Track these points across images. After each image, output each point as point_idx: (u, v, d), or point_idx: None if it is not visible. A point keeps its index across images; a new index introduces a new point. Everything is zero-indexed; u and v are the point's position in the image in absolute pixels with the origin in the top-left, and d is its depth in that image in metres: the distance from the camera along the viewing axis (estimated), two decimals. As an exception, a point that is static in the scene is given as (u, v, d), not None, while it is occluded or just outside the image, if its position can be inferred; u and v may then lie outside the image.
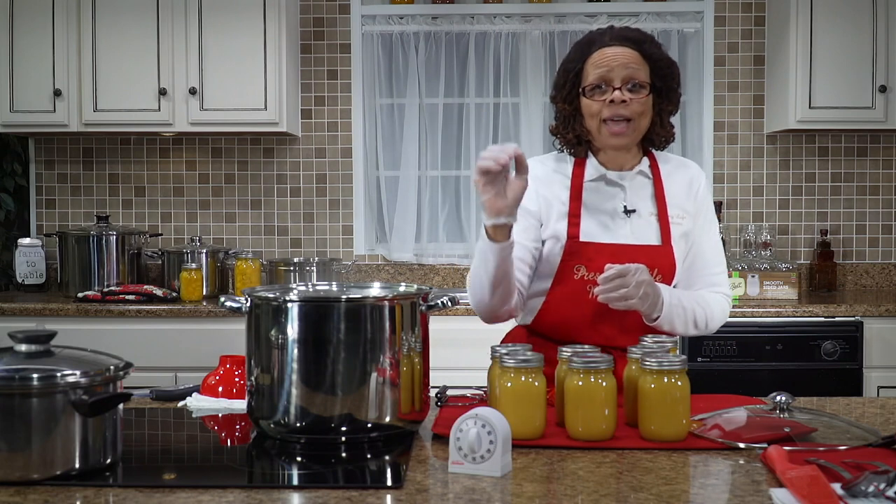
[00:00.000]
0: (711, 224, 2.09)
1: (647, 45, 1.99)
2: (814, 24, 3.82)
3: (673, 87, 2.02)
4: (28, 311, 3.63)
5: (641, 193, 2.04)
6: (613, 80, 1.96)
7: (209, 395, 1.93)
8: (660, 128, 2.03)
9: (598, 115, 1.97)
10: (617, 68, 1.95)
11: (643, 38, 2.00)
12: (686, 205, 2.05)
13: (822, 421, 1.65)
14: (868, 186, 4.23)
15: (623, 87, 1.95)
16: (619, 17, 4.14)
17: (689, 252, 2.05)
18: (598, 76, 1.96)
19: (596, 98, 1.97)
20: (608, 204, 2.02)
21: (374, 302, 1.64)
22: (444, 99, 4.22)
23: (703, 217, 2.07)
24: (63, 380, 1.37)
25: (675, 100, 2.04)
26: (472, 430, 1.41)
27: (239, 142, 4.27)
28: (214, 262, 3.98)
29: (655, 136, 2.04)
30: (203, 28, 3.86)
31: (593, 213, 2.01)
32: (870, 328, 3.54)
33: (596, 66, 1.97)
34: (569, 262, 1.97)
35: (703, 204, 2.08)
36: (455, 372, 2.24)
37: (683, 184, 2.06)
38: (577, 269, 1.97)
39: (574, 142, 2.04)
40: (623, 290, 1.83)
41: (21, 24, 3.87)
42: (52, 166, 4.30)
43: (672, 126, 2.06)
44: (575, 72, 2.01)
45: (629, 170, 2.04)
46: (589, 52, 2.00)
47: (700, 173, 2.10)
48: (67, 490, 1.35)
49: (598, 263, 1.93)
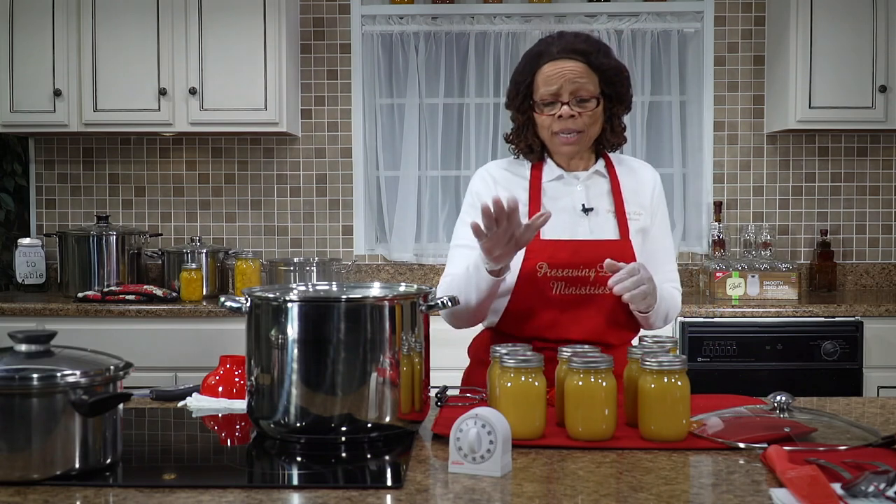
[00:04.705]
0: (665, 222, 2.18)
1: (594, 56, 2.04)
2: (814, 25, 3.82)
3: (622, 92, 2.09)
4: (28, 311, 3.63)
5: (598, 192, 2.10)
6: (562, 94, 2.02)
7: (209, 395, 1.93)
8: (610, 133, 2.11)
9: (549, 128, 2.05)
10: (565, 84, 2.01)
11: (590, 49, 2.05)
12: (643, 202, 2.12)
13: (822, 421, 1.65)
14: (868, 186, 4.23)
15: (571, 101, 2.02)
16: (618, 18, 4.14)
17: (647, 248, 2.11)
18: (547, 92, 2.03)
19: (546, 113, 2.04)
20: (566, 203, 2.08)
21: (374, 302, 1.64)
22: (444, 99, 4.23)
23: (660, 215, 2.15)
24: (63, 380, 1.37)
25: (626, 102, 2.10)
26: (472, 430, 1.41)
27: (239, 142, 4.27)
28: (214, 262, 3.98)
29: (606, 141, 2.12)
30: (203, 28, 3.86)
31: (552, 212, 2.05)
32: (870, 328, 3.54)
33: (545, 81, 2.03)
34: (531, 259, 2.01)
35: (660, 203, 2.16)
36: (455, 372, 2.24)
37: (639, 183, 2.14)
38: (540, 266, 2.01)
39: (526, 150, 2.12)
40: (643, 287, 1.91)
41: (21, 24, 3.87)
42: (52, 166, 4.30)
43: (623, 129, 2.13)
44: (525, 84, 2.07)
45: (584, 170, 2.11)
46: (538, 65, 2.06)
47: (655, 174, 2.19)
48: (67, 490, 1.35)
49: (559, 260, 2.00)
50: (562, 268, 1.99)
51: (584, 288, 1.99)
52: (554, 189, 2.09)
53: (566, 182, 2.10)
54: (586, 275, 1.99)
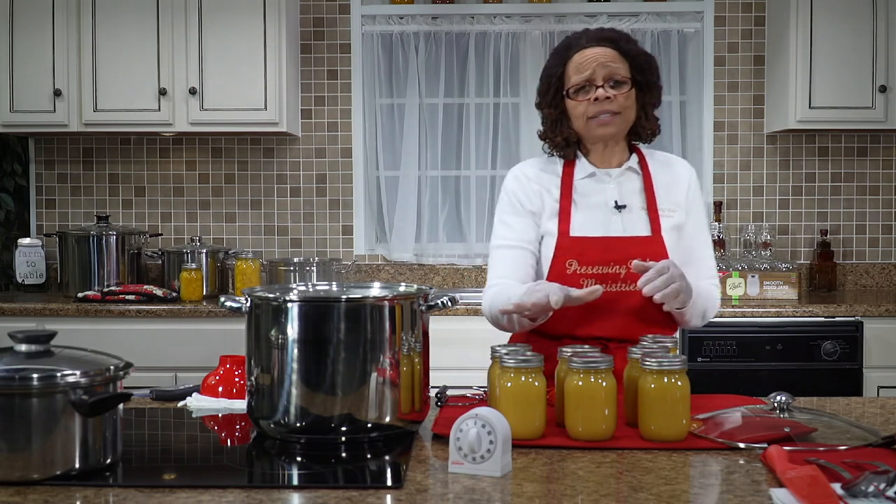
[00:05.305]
0: (703, 218, 2.14)
1: (624, 43, 2.04)
2: (814, 25, 3.81)
3: (653, 81, 2.08)
4: (28, 311, 3.63)
5: (631, 188, 2.08)
6: (595, 78, 2.01)
7: (209, 395, 1.93)
8: (645, 121, 2.09)
9: (585, 114, 2.03)
10: (597, 68, 2.01)
11: (619, 37, 2.05)
12: (677, 199, 2.09)
13: (822, 421, 1.65)
14: (868, 186, 4.23)
15: (605, 84, 2.01)
16: (619, 18, 4.14)
17: (683, 245, 2.08)
18: (580, 77, 2.02)
19: (580, 98, 2.03)
20: (599, 200, 2.07)
21: (374, 302, 1.64)
22: (444, 99, 4.22)
23: (696, 211, 2.12)
24: (63, 380, 1.37)
25: (656, 93, 2.10)
26: (472, 430, 1.41)
27: (239, 142, 4.27)
28: (214, 262, 3.98)
29: (641, 129, 2.10)
30: (203, 28, 3.86)
31: (584, 209, 2.06)
32: (870, 328, 3.54)
33: (577, 69, 2.03)
34: (561, 257, 2.01)
35: (696, 199, 2.12)
36: (455, 372, 2.24)
37: (674, 178, 2.11)
38: (570, 263, 2.00)
39: (563, 144, 2.09)
40: (674, 286, 1.86)
41: (21, 24, 3.87)
42: (52, 166, 4.30)
43: (657, 119, 2.12)
44: (557, 76, 2.07)
45: (617, 166, 2.08)
46: (568, 56, 2.05)
47: (691, 170, 2.16)
48: (67, 490, 1.35)
49: (589, 257, 1.99)
50: (592, 265, 1.97)
51: (615, 285, 1.97)
52: (586, 186, 2.07)
53: (598, 179, 2.08)
54: (616, 272, 1.97)
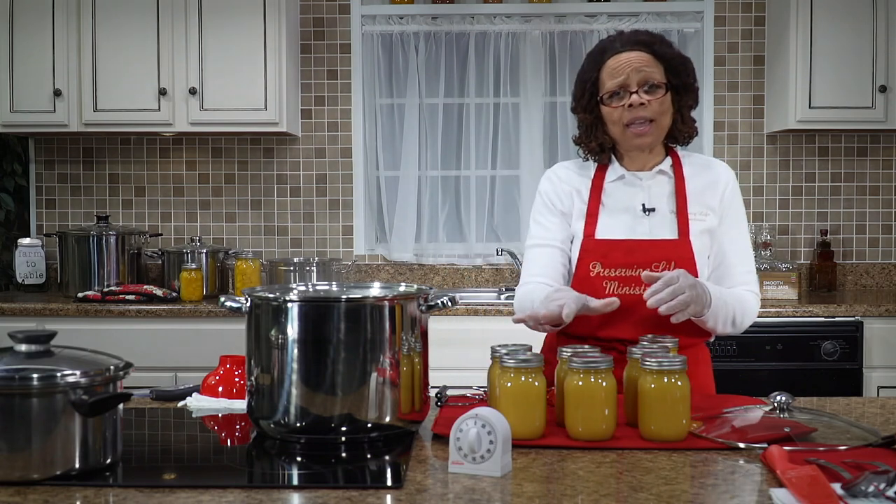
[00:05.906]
0: (740, 223, 2.09)
1: (658, 46, 2.02)
2: (814, 25, 3.81)
3: (689, 83, 2.05)
4: (28, 311, 3.63)
5: (661, 192, 2.06)
6: (629, 84, 1.99)
7: (209, 395, 1.93)
8: (682, 124, 2.06)
9: (620, 120, 2.00)
10: (631, 73, 1.99)
11: (653, 40, 2.03)
12: (711, 202, 2.06)
13: (822, 421, 1.65)
14: (868, 186, 4.23)
15: (640, 89, 1.99)
16: (618, 18, 4.14)
17: (717, 250, 2.06)
18: (614, 83, 2.00)
19: (615, 105, 2.01)
20: (628, 203, 2.06)
21: (374, 302, 1.63)
22: (444, 99, 4.22)
23: (732, 216, 2.08)
24: (63, 380, 1.37)
25: (693, 95, 2.07)
26: (472, 430, 1.41)
27: (239, 142, 4.27)
28: (214, 262, 3.98)
29: (678, 132, 2.07)
30: (203, 28, 3.86)
31: (613, 212, 2.05)
32: (870, 328, 3.54)
33: (611, 74, 2.01)
34: (585, 259, 2.01)
35: (732, 203, 2.08)
36: (455, 372, 2.24)
37: (708, 182, 2.08)
38: (593, 266, 2.00)
39: (597, 150, 2.08)
40: (682, 297, 1.82)
41: (21, 24, 3.87)
42: (52, 166, 4.30)
43: (694, 121, 2.09)
44: (591, 81, 2.04)
45: (649, 169, 2.07)
46: (602, 61, 2.03)
47: (728, 172, 2.12)
48: (67, 490, 1.35)
49: (612, 260, 1.98)
50: (615, 267, 1.97)
51: (639, 288, 1.94)
52: (616, 189, 2.07)
53: (627, 182, 2.07)
54: (640, 275, 1.93)
